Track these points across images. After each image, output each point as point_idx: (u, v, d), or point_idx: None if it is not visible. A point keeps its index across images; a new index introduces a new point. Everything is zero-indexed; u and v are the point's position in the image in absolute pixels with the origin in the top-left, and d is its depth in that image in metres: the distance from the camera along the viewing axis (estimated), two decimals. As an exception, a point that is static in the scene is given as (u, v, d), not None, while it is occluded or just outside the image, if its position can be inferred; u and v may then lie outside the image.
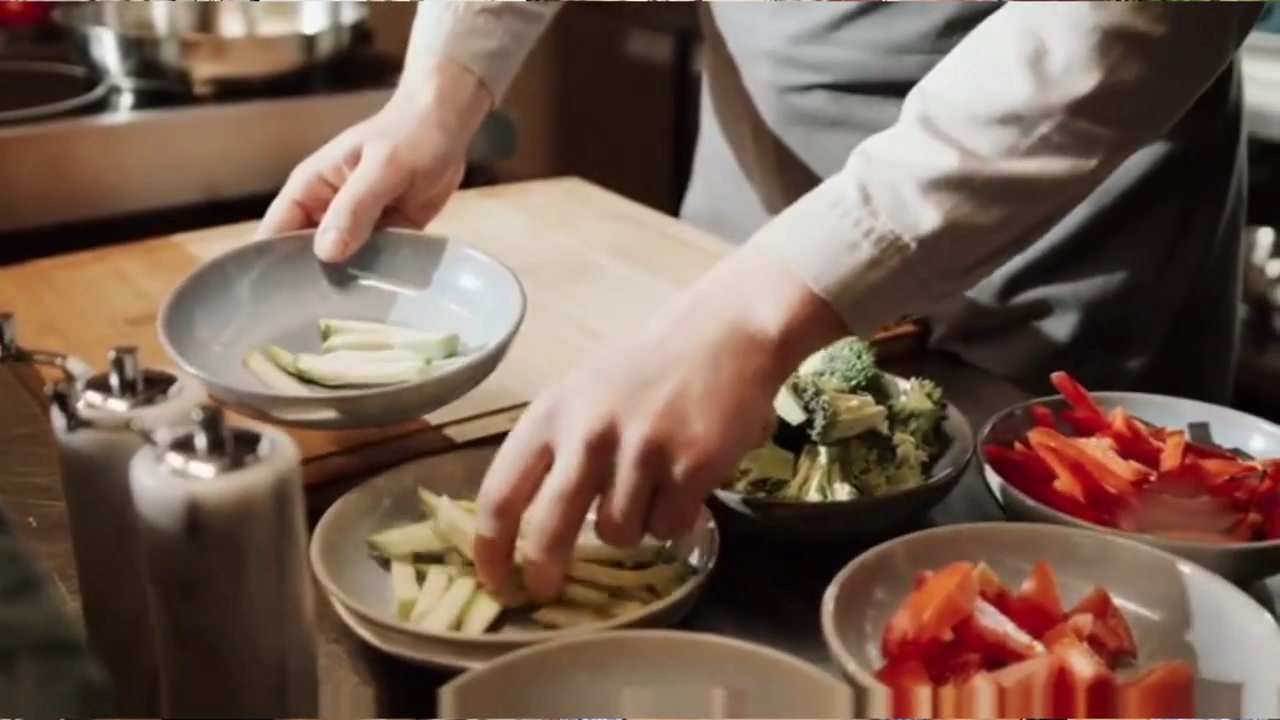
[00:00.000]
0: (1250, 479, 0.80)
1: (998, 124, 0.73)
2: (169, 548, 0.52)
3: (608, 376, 0.69)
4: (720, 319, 0.70)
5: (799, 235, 0.73)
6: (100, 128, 1.41)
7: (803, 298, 0.71)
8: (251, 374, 0.86)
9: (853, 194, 0.72)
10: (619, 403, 0.67)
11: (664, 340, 0.70)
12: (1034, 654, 0.66)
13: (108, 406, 0.57)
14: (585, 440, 0.66)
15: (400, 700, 0.67)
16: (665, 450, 0.67)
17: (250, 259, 0.91)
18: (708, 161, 1.31)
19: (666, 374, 0.68)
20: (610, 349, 0.71)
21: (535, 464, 0.68)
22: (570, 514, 0.67)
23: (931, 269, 0.73)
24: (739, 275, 0.73)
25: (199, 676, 0.54)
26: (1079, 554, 0.73)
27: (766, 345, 0.70)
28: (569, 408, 0.68)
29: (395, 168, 0.89)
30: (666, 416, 0.67)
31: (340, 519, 0.74)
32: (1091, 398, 0.87)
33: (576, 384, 0.69)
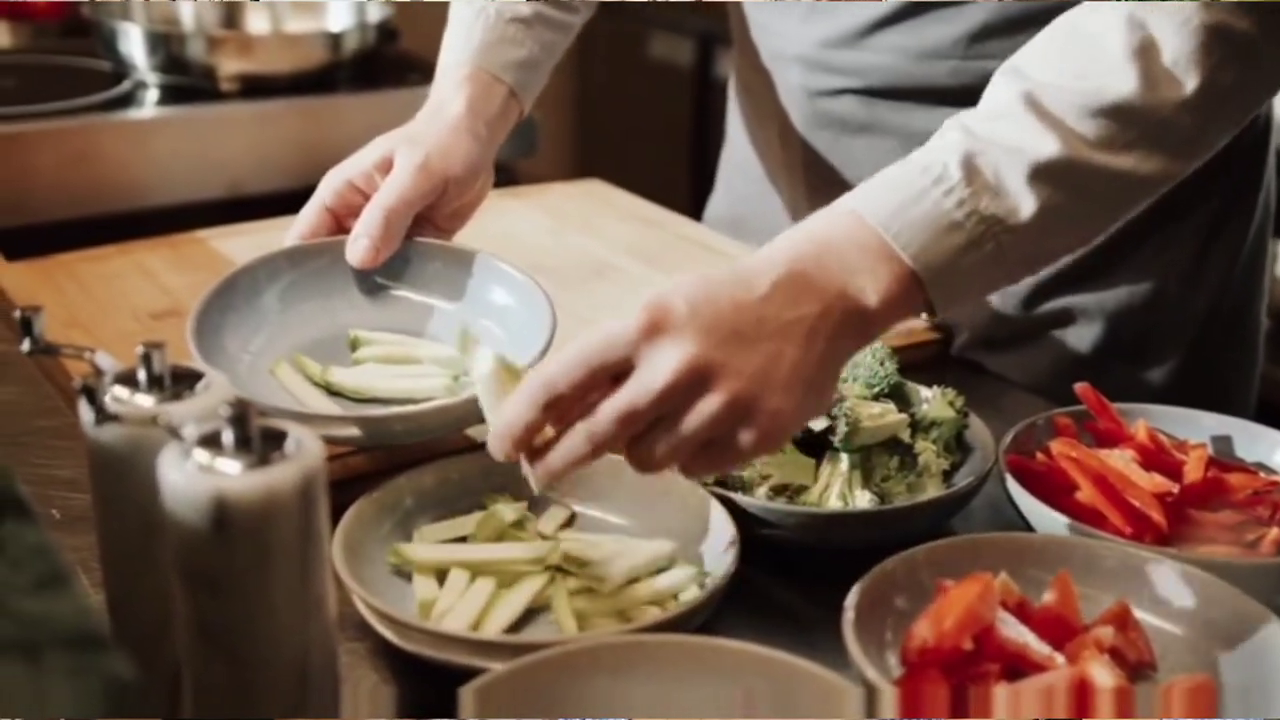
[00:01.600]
0: (1273, 493, 0.80)
1: (1103, 115, 0.72)
2: (194, 543, 0.52)
3: (708, 320, 0.67)
4: (821, 294, 0.69)
5: (901, 210, 0.71)
6: (126, 122, 1.41)
7: (900, 276, 0.70)
8: (279, 383, 0.86)
9: (956, 171, 0.71)
10: (716, 354, 0.66)
11: (765, 304, 0.68)
12: (1054, 665, 0.66)
13: (135, 401, 0.58)
14: (673, 378, 0.66)
15: (420, 699, 0.67)
16: (742, 414, 0.67)
17: (281, 267, 0.90)
18: (732, 165, 1.31)
19: (763, 339, 0.67)
20: (712, 288, 0.68)
21: (607, 374, 0.67)
22: (625, 434, 0.67)
23: (1019, 255, 0.73)
24: (840, 245, 0.71)
25: (221, 672, 0.54)
26: (1100, 565, 0.73)
27: (861, 324, 0.70)
28: (666, 337, 0.66)
29: (427, 175, 0.89)
30: (755, 382, 0.67)
31: (362, 517, 0.75)
32: (1114, 409, 0.87)
33: (677, 313, 0.67)
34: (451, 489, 0.79)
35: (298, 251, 0.91)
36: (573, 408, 0.67)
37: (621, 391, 0.66)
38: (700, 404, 0.66)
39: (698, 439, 0.67)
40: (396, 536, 0.76)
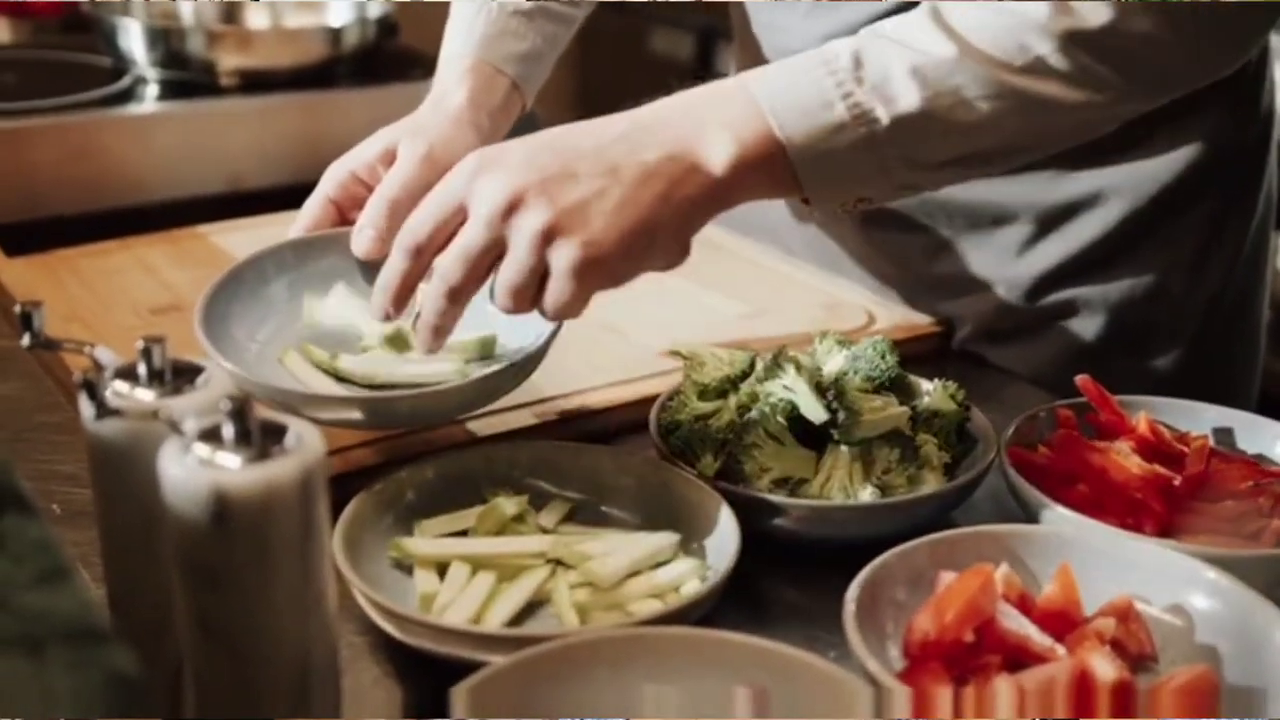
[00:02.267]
0: (1274, 485, 0.80)
1: (1004, 32, 0.74)
2: (194, 537, 0.52)
3: (534, 158, 0.73)
4: (666, 143, 0.74)
5: (779, 80, 0.75)
6: (126, 118, 1.41)
7: (760, 138, 0.73)
8: (287, 372, 0.86)
9: (845, 58, 0.75)
10: (533, 186, 0.72)
11: (603, 144, 0.74)
12: (1055, 657, 0.66)
13: (135, 396, 0.58)
14: (490, 210, 0.72)
15: (421, 693, 0.67)
16: (556, 241, 0.72)
17: (287, 258, 0.90)
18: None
19: (590, 176, 0.73)
20: (554, 134, 0.76)
21: (451, 218, 0.75)
22: (470, 272, 0.74)
23: (897, 152, 0.75)
24: (705, 100, 0.75)
25: (222, 666, 0.54)
26: (1101, 558, 0.73)
27: (705, 178, 0.74)
28: (488, 175, 0.73)
29: (431, 166, 0.89)
30: (570, 214, 0.72)
31: (363, 511, 0.75)
32: (1115, 401, 0.86)
33: (505, 156, 0.74)
34: (452, 483, 0.79)
35: (303, 243, 0.91)
36: (435, 253, 0.75)
37: (461, 231, 0.74)
38: (517, 232, 0.72)
39: (526, 268, 0.73)
40: (397, 530, 0.76)
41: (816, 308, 1.09)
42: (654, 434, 0.83)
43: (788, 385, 0.81)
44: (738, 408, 0.82)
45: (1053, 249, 1.06)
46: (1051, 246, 1.06)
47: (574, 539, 0.75)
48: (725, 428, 0.81)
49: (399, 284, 0.77)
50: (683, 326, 1.03)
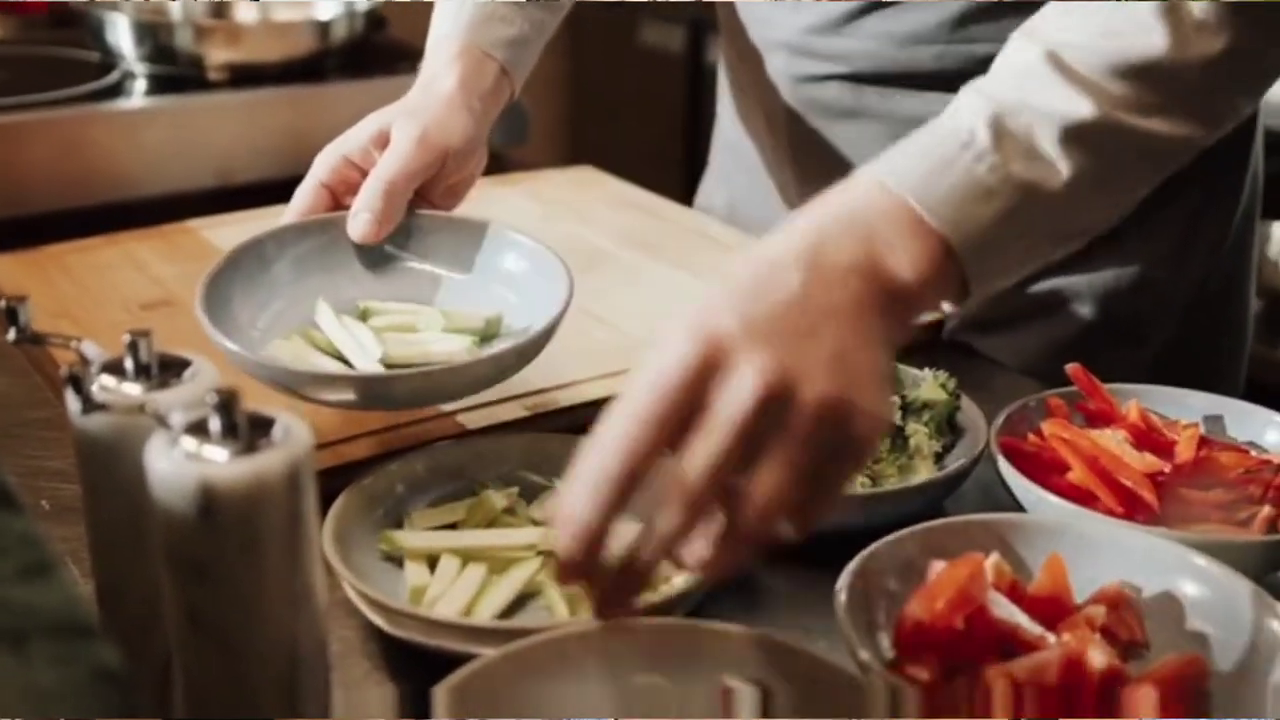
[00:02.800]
0: (1264, 472, 0.80)
1: (1133, 75, 0.68)
2: (182, 531, 0.52)
3: (767, 329, 0.58)
4: (857, 271, 0.62)
5: (930, 177, 0.65)
6: (114, 113, 1.41)
7: (933, 248, 0.64)
8: (292, 354, 0.85)
9: (985, 135, 0.66)
10: (788, 359, 0.57)
11: (804, 292, 0.60)
12: (1046, 645, 0.66)
13: (122, 390, 0.58)
14: (757, 399, 0.56)
15: (412, 685, 0.67)
16: (842, 411, 0.58)
17: (287, 240, 0.89)
18: (723, 151, 1.31)
19: (820, 328, 0.59)
20: (746, 294, 0.60)
21: (676, 426, 0.57)
22: (719, 485, 0.57)
23: (1051, 226, 0.69)
24: (866, 218, 0.64)
25: (211, 660, 0.54)
26: (1092, 546, 0.73)
27: (903, 304, 0.64)
28: (734, 361, 0.57)
29: (427, 148, 0.88)
30: (837, 375, 0.58)
31: (353, 504, 0.75)
32: (1105, 389, 0.87)
33: (732, 333, 0.58)
34: (443, 476, 0.79)
35: (299, 228, 0.90)
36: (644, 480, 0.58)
37: (702, 437, 0.57)
38: (793, 418, 0.57)
39: (801, 463, 0.57)
40: (387, 523, 0.76)
41: (807, 298, 1.09)
42: (644, 425, 0.83)
43: (778, 376, 0.80)
44: (728, 398, 0.82)
45: None
46: None
47: (565, 531, 0.75)
48: (716, 419, 0.81)
49: (598, 523, 0.58)
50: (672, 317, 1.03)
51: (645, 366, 0.58)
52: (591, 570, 0.59)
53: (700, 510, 0.57)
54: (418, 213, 0.92)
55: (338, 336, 0.86)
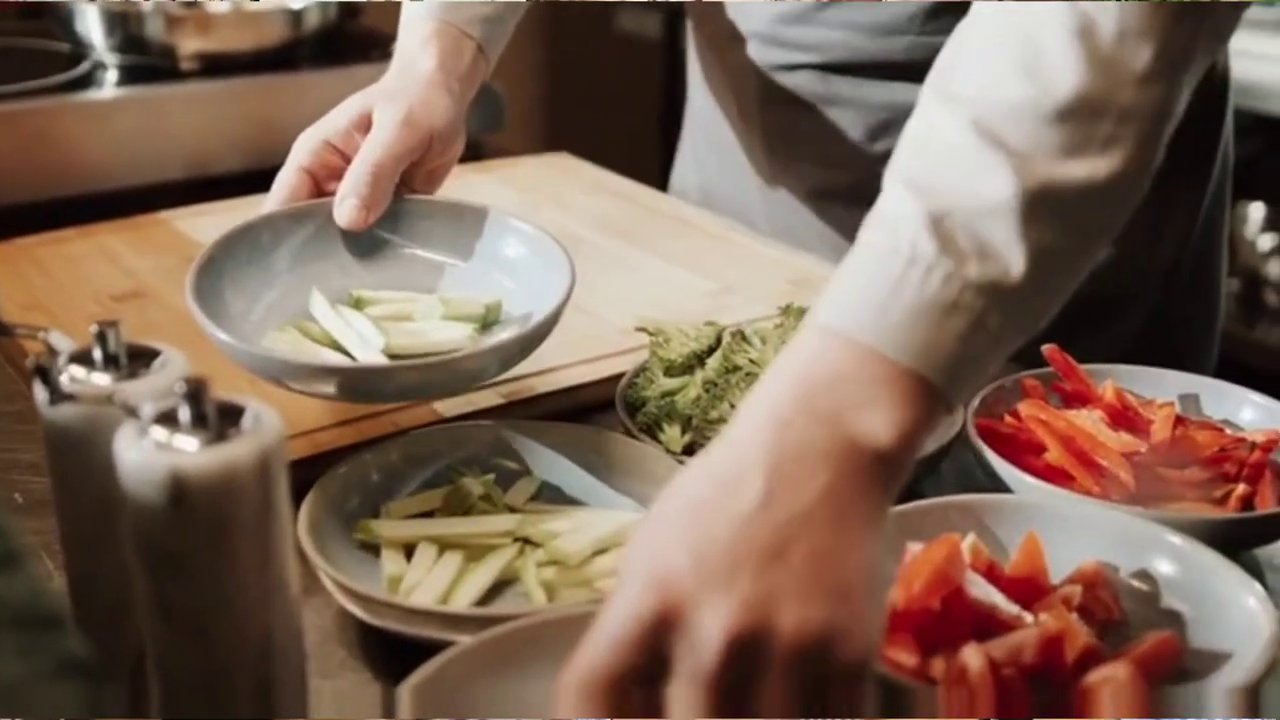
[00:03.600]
0: (1240, 450, 0.80)
1: (1063, 119, 0.60)
2: (153, 522, 0.52)
3: (724, 563, 0.52)
4: (827, 456, 0.54)
5: (883, 311, 0.57)
6: (85, 104, 1.40)
7: (911, 392, 0.57)
8: (290, 344, 0.83)
9: (928, 245, 0.58)
10: (751, 589, 0.51)
11: (768, 500, 0.53)
12: (1024, 625, 0.66)
13: (91, 380, 0.57)
14: (724, 655, 0.50)
15: (390, 674, 0.67)
16: (825, 639, 0.51)
17: (283, 228, 0.86)
18: (695, 136, 1.31)
19: (789, 543, 0.52)
20: (697, 517, 0.54)
21: (637, 680, 0.51)
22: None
23: (1019, 319, 0.60)
24: (823, 383, 0.56)
25: (184, 650, 0.53)
26: (1068, 525, 0.73)
27: (885, 471, 0.56)
28: (693, 613, 0.51)
29: (412, 129, 0.86)
30: (817, 594, 0.52)
31: (328, 493, 0.74)
32: (1081, 370, 0.87)
33: (685, 576, 0.51)
34: (419, 464, 0.79)
35: (290, 215, 0.87)
36: None
37: (673, 699, 0.51)
38: (771, 656, 0.51)
39: (791, 699, 0.51)
40: (363, 512, 0.76)
41: (784, 283, 1.09)
42: (621, 411, 0.83)
43: (754, 359, 0.80)
44: (704, 383, 0.82)
45: None
46: None
47: (541, 517, 0.75)
48: (692, 403, 0.81)
49: None
50: (649, 303, 1.03)
51: (603, 617, 0.52)
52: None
53: None
54: (407, 197, 0.90)
55: (336, 327, 0.83)
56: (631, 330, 0.94)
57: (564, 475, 0.80)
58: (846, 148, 1.10)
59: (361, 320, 0.84)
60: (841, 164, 1.11)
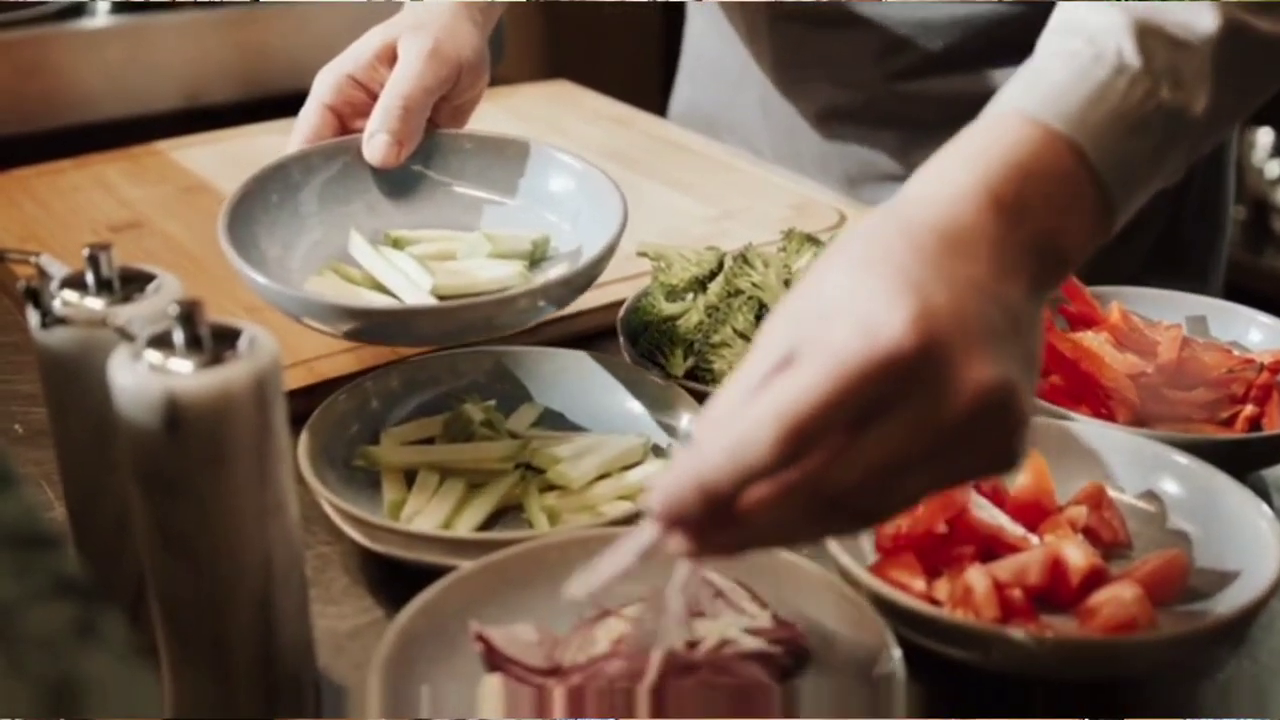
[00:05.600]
0: (1247, 371, 0.79)
1: None
2: (149, 446, 0.51)
3: (979, 327, 0.50)
4: (1039, 253, 0.55)
5: (1087, 111, 0.57)
6: (78, 32, 1.37)
7: (1097, 206, 0.57)
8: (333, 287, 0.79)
9: (1134, 56, 0.58)
10: (1005, 355, 0.51)
11: (998, 275, 0.53)
12: (1028, 546, 0.66)
13: (84, 304, 0.56)
14: (981, 393, 0.49)
15: (392, 601, 0.67)
16: (1024, 418, 0.52)
17: (314, 166, 0.83)
18: (695, 62, 1.29)
19: (1020, 322, 0.53)
20: (937, 273, 0.51)
21: (858, 414, 0.49)
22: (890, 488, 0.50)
23: (1188, 152, 0.62)
24: (1039, 176, 0.56)
25: (183, 575, 0.53)
26: (1074, 447, 0.72)
27: (1065, 273, 0.57)
28: (952, 353, 0.49)
29: (441, 61, 0.82)
30: (1027, 388, 0.52)
31: (328, 420, 0.73)
32: (1088, 292, 0.86)
33: (940, 323, 0.49)
34: (419, 390, 0.78)
35: (322, 152, 0.83)
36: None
37: (894, 432, 0.49)
38: (990, 425, 0.50)
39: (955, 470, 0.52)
40: (363, 439, 0.75)
41: (786, 208, 1.08)
42: (622, 337, 0.82)
43: (756, 283, 0.80)
44: (706, 307, 0.81)
45: None
46: None
47: (543, 443, 0.74)
48: (694, 328, 0.80)
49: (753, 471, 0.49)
50: (651, 230, 1.01)
51: (849, 336, 0.49)
52: (692, 526, 0.50)
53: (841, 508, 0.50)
54: (440, 132, 0.86)
55: (379, 269, 0.79)
56: (633, 256, 0.93)
57: (565, 401, 0.79)
58: (860, 66, 1.08)
59: (406, 260, 0.80)
60: (853, 83, 1.09)
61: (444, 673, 0.58)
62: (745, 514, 0.49)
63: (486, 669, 0.58)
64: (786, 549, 0.57)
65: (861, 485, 0.49)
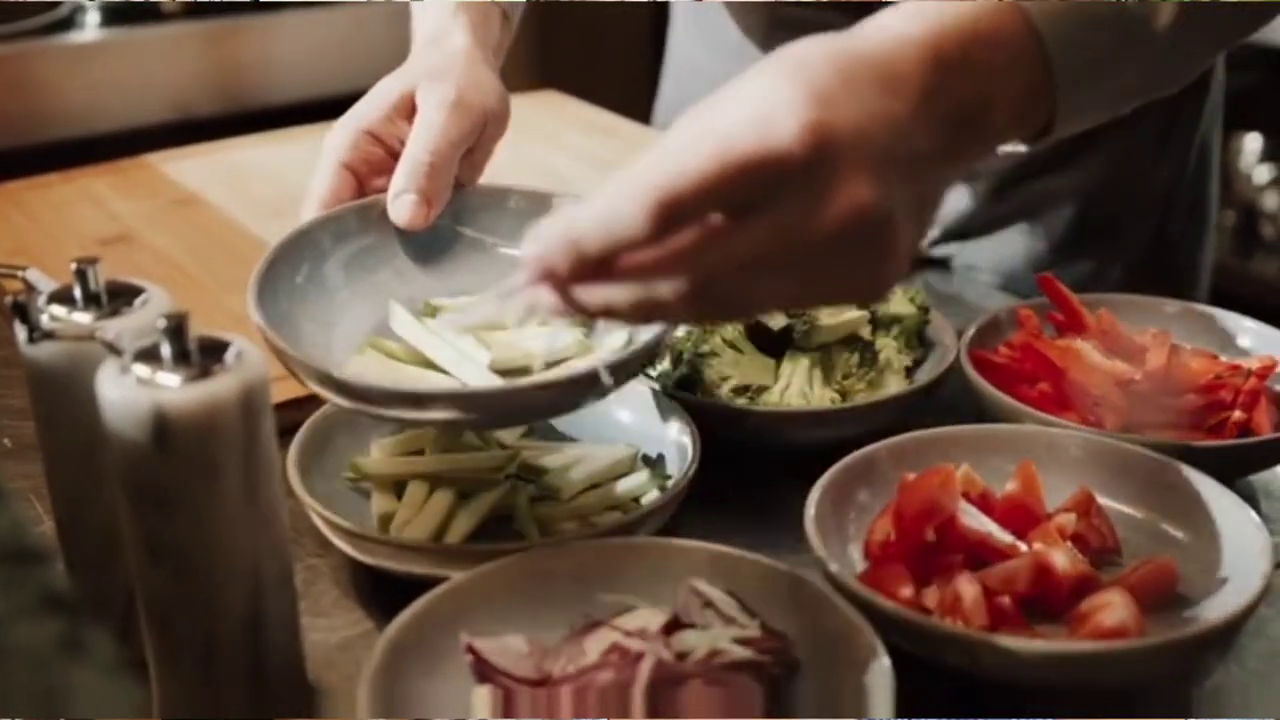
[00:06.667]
0: (1235, 377, 0.79)
1: None
2: (137, 459, 0.51)
3: (876, 154, 0.51)
4: (965, 111, 0.56)
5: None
6: (67, 46, 1.38)
7: (1035, 82, 0.59)
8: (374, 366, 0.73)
9: None
10: (882, 197, 0.51)
11: (915, 124, 0.53)
12: (1017, 553, 0.66)
13: (72, 318, 0.56)
14: (858, 211, 0.50)
15: (382, 611, 0.67)
16: (888, 251, 0.53)
17: (345, 234, 0.76)
18: (680, 68, 1.29)
19: (915, 174, 0.54)
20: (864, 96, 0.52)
21: (753, 194, 0.50)
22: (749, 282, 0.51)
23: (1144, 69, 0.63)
24: (987, 38, 0.57)
25: (172, 588, 0.53)
26: (1062, 454, 0.72)
27: (993, 142, 0.59)
28: (836, 170, 0.50)
29: (465, 112, 0.76)
30: (908, 220, 0.53)
31: (317, 432, 0.74)
32: (1077, 299, 0.86)
33: (845, 142, 0.51)
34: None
35: (343, 218, 0.76)
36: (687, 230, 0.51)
37: (763, 227, 0.50)
38: (859, 247, 0.52)
39: (825, 282, 0.53)
40: (353, 450, 0.75)
41: (776, 217, 1.08)
42: (612, 347, 0.82)
43: (745, 293, 0.80)
44: (696, 317, 0.81)
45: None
46: None
47: (533, 453, 0.74)
48: (683, 338, 0.80)
49: (618, 246, 0.51)
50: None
51: (743, 127, 0.50)
52: (558, 282, 0.52)
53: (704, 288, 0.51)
54: (470, 188, 0.80)
55: (429, 345, 0.72)
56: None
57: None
58: None
59: (455, 334, 0.73)
60: None
61: (434, 684, 0.58)
62: (611, 279, 0.51)
63: (476, 680, 0.58)
64: (644, 324, 0.58)
65: (726, 274, 0.51)
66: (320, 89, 1.45)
